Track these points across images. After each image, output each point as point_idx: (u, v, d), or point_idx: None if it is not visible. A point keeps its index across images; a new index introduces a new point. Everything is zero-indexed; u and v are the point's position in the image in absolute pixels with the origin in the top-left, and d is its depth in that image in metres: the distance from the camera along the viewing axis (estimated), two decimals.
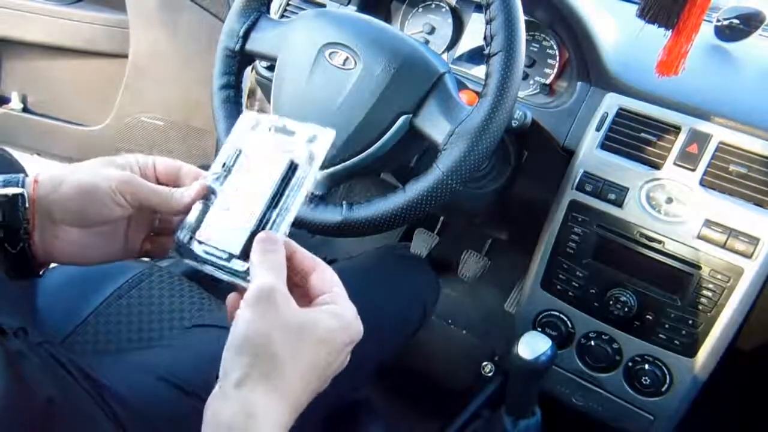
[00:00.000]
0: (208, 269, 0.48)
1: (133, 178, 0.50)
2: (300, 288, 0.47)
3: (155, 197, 0.50)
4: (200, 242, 0.49)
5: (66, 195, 0.48)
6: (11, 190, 0.47)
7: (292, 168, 0.49)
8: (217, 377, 0.41)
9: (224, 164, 0.51)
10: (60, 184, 0.48)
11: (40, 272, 0.52)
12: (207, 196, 0.51)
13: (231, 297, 0.47)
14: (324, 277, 0.47)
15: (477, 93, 0.70)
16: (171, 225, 0.53)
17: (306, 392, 0.42)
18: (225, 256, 0.47)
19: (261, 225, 0.47)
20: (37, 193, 0.48)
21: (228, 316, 0.46)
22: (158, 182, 0.52)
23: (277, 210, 0.48)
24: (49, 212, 0.48)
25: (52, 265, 0.82)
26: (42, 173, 0.49)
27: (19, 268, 0.50)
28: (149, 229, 0.54)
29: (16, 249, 0.48)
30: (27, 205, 0.48)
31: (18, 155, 0.85)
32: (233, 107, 0.78)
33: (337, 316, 0.44)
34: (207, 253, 0.48)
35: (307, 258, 0.48)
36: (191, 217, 0.50)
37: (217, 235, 0.48)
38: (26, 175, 0.49)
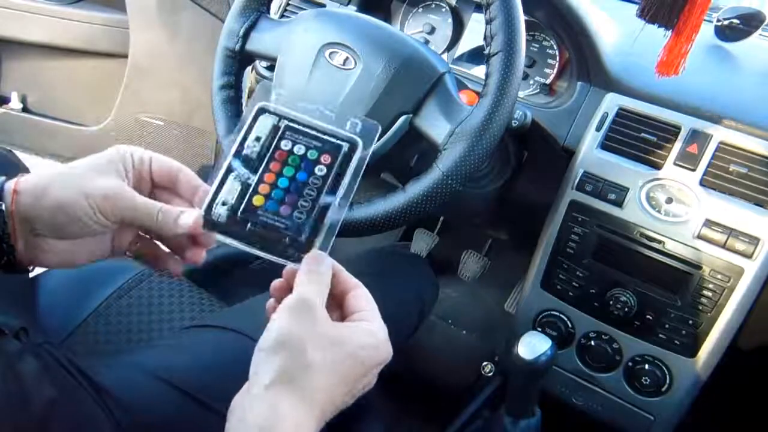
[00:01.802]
0: (254, 250, 0.46)
1: (118, 194, 0.46)
2: (337, 307, 0.47)
3: (141, 218, 0.47)
4: (246, 220, 0.46)
5: (46, 210, 0.45)
6: None
7: (349, 150, 0.47)
8: (217, 378, 0.41)
9: (258, 138, 0.48)
10: (41, 197, 0.46)
11: (30, 269, 0.51)
12: (234, 168, 0.47)
13: (276, 283, 0.47)
14: (360, 295, 0.47)
15: (477, 93, 0.70)
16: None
17: (333, 404, 0.42)
18: (286, 240, 0.45)
19: (321, 210, 0.46)
20: (17, 205, 0.46)
21: (269, 306, 0.47)
22: (152, 183, 0.51)
23: (337, 195, 0.46)
24: (30, 225, 0.46)
25: None
26: (23, 182, 0.46)
27: (6, 272, 0.49)
28: (137, 231, 0.52)
29: (1, 262, 0.47)
30: (6, 218, 0.46)
31: (19, 155, 0.86)
32: (233, 107, 0.78)
33: (371, 335, 0.44)
34: (258, 234, 0.46)
35: (349, 279, 0.48)
36: (227, 195, 0.46)
37: (272, 217, 0.46)
38: (6, 179, 0.47)
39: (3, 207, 0.46)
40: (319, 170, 0.47)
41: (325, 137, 0.48)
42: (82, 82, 1.56)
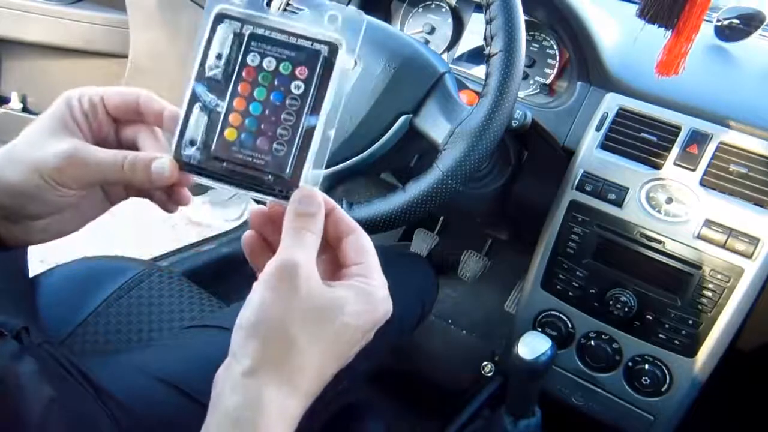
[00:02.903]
0: (237, 189, 0.41)
1: (72, 157, 0.40)
2: (330, 252, 0.42)
3: (108, 176, 0.41)
4: (221, 159, 0.40)
5: (5, 196, 0.41)
6: None
7: (329, 54, 0.39)
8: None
9: (220, 54, 0.40)
10: None
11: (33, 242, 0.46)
12: (199, 96, 0.40)
13: (255, 212, 0.42)
14: (358, 243, 0.41)
15: (477, 93, 0.70)
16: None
17: (322, 379, 0.38)
18: (268, 177, 0.40)
19: (304, 137, 0.39)
20: None
21: (245, 240, 0.42)
22: (115, 122, 0.44)
23: (320, 116, 0.40)
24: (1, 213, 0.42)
25: (53, 264, 0.83)
26: None
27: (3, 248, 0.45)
28: None
29: None
30: None
31: None
32: None
33: (366, 296, 0.39)
34: (235, 172, 0.40)
35: (344, 221, 0.42)
36: (195, 131, 0.40)
37: (249, 153, 0.40)
38: None
39: None
40: (296, 87, 0.40)
41: (299, 42, 0.40)
42: (82, 82, 1.55)
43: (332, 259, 0.42)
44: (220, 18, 0.40)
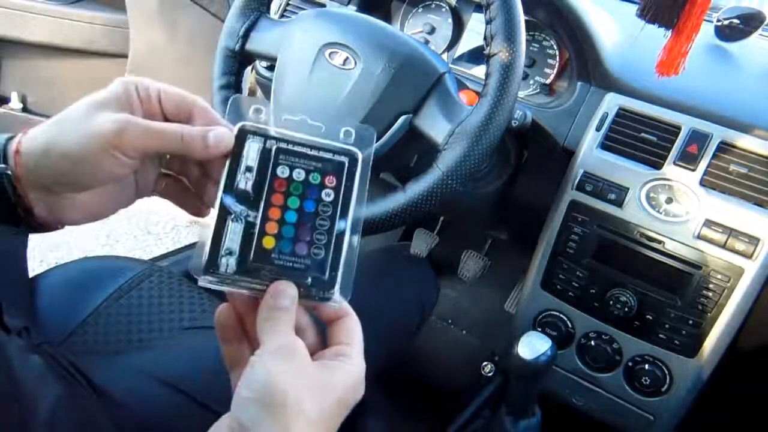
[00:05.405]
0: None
1: (131, 126, 0.41)
2: (310, 331, 0.44)
3: (164, 144, 0.42)
4: (261, 268, 0.41)
5: (55, 166, 0.41)
6: None
7: (350, 163, 0.42)
8: (217, 379, 0.41)
9: (250, 168, 0.41)
10: (47, 153, 0.41)
11: (59, 227, 0.47)
12: (229, 208, 0.41)
13: (222, 310, 0.44)
14: (349, 326, 0.43)
15: (477, 93, 0.70)
16: (183, 161, 0.47)
17: None
18: (307, 281, 0.41)
19: (336, 240, 0.42)
20: (21, 166, 0.42)
21: (218, 328, 0.44)
22: (164, 119, 0.44)
23: (348, 219, 0.42)
24: (43, 185, 0.42)
25: (52, 264, 0.83)
26: (25, 141, 0.42)
27: (32, 231, 0.46)
28: (159, 167, 0.47)
29: (19, 227, 0.44)
30: (14, 182, 0.42)
31: None
32: None
33: (350, 375, 0.41)
34: (274, 279, 0.41)
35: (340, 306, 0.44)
36: (232, 242, 0.40)
37: (289, 259, 0.41)
38: (8, 140, 0.43)
39: (9, 172, 0.41)
40: (326, 195, 0.42)
41: (324, 155, 0.42)
42: (83, 82, 1.56)
43: (315, 337, 0.44)
44: (243, 134, 0.42)
